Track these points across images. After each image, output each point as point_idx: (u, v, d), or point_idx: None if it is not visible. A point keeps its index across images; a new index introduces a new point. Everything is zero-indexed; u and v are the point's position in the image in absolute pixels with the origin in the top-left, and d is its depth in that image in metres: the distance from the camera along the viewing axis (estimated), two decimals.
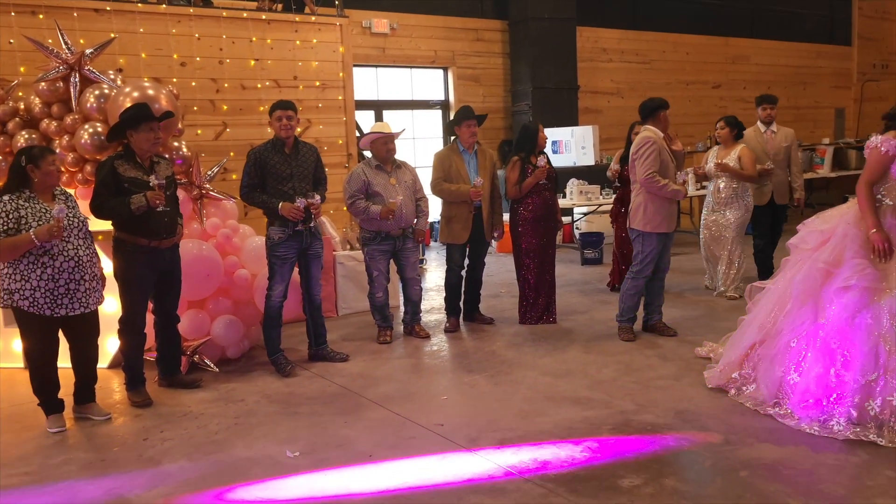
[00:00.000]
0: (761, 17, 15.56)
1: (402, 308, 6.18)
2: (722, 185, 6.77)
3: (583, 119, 12.43)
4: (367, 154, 6.15)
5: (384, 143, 5.77)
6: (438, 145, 11.97)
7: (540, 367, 5.04)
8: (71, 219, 4.14)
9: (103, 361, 5.23)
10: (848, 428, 3.66)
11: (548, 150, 6.49)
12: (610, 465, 3.50)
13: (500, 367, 5.11)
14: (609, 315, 6.40)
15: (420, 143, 11.81)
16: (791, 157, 6.84)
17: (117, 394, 4.93)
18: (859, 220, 4.01)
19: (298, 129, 6.44)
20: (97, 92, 5.23)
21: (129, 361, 4.70)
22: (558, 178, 6.35)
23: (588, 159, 10.78)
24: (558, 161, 9.87)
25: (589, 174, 10.44)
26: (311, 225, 5.16)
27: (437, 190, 6.10)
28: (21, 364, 5.22)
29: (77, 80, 5.24)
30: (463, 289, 6.33)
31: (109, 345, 5.30)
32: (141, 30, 6.39)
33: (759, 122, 6.87)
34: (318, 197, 5.07)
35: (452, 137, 6.26)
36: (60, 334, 4.28)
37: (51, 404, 4.30)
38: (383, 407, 4.45)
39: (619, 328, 5.68)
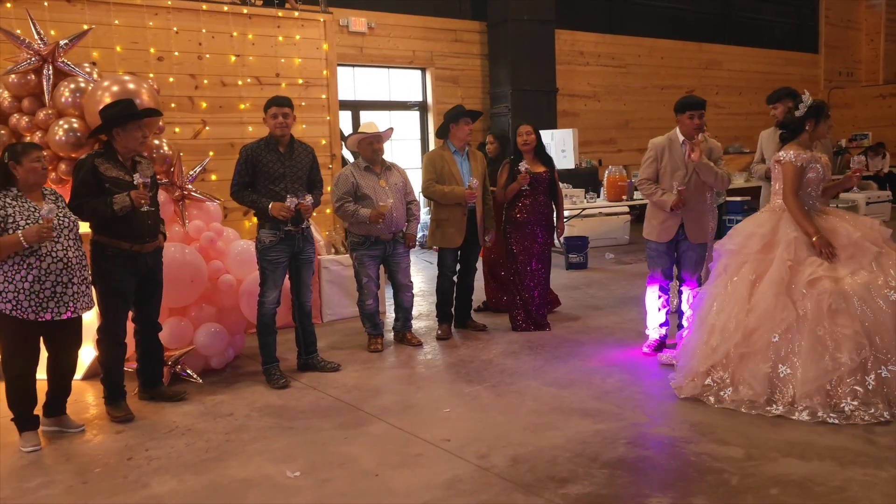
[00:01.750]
0: (733, 24, 15.70)
1: (388, 314, 5.95)
2: None
3: (560, 122, 12.33)
4: (349, 157, 5.92)
5: (370, 144, 5.55)
6: (416, 147, 11.78)
7: (542, 378, 4.86)
8: (61, 218, 3.88)
9: (77, 373, 4.90)
10: (860, 410, 3.84)
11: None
12: (633, 484, 3.32)
13: (500, 377, 4.91)
14: (603, 322, 6.29)
15: (397, 144, 11.58)
16: None
17: (94, 408, 4.62)
18: (796, 226, 4.29)
19: None
20: (72, 86, 4.91)
21: (108, 373, 4.40)
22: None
23: (568, 163, 10.65)
24: None
25: (570, 178, 10.33)
26: (303, 226, 4.91)
27: (429, 192, 5.89)
28: None
29: (50, 72, 4.92)
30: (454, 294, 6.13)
31: (84, 355, 4.96)
32: (116, 22, 6.05)
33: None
34: (309, 198, 4.83)
35: (442, 142, 6.05)
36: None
37: (26, 420, 3.98)
38: (383, 420, 4.22)
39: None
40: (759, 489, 3.22)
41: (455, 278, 6.07)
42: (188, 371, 5.01)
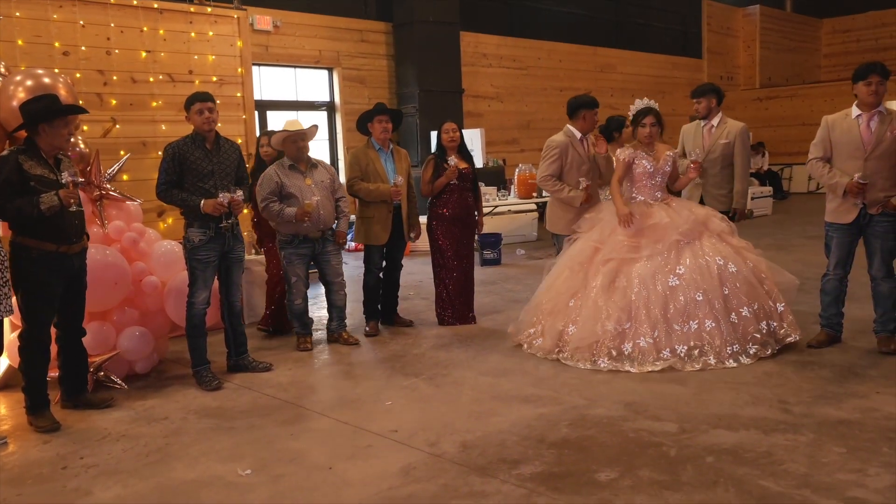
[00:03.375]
0: (625, 30, 16.42)
1: (314, 314, 5.91)
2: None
3: (466, 122, 12.53)
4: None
5: (294, 142, 5.52)
6: (324, 147, 11.69)
7: (476, 368, 4.98)
8: None
9: None
10: (609, 364, 4.73)
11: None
12: (581, 461, 3.48)
13: (435, 369, 5.00)
14: None
15: None
16: (735, 157, 5.63)
17: (10, 420, 4.38)
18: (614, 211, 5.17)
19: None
20: None
21: (31, 382, 4.18)
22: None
23: (477, 161, 10.83)
24: None
25: (479, 176, 10.51)
26: (231, 221, 4.82)
27: (353, 190, 5.91)
28: None
29: None
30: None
31: None
32: (17, 14, 5.76)
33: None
34: (240, 192, 4.75)
35: (366, 140, 6.08)
36: None
37: None
38: (326, 416, 4.22)
39: None
40: (696, 459, 3.45)
41: (381, 275, 6.12)
42: (112, 377, 4.83)
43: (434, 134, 6.41)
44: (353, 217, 6.12)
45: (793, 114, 17.39)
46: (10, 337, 4.61)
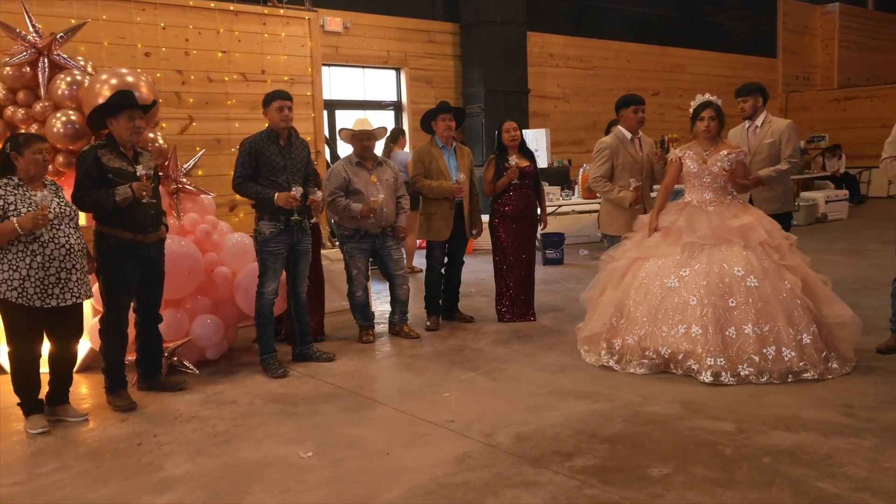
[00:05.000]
0: (695, 29, 16.11)
1: (374, 308, 6.04)
2: None
3: (532, 122, 12.55)
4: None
5: (360, 140, 5.67)
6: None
7: (534, 364, 5.03)
8: (63, 207, 3.96)
9: None
10: (604, 359, 4.82)
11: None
12: (634, 456, 3.50)
13: (494, 363, 5.07)
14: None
15: None
16: (781, 144, 5.49)
17: (91, 399, 4.65)
18: (660, 214, 5.06)
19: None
20: (69, 78, 4.94)
21: (110, 364, 4.44)
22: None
23: (541, 162, 10.85)
24: None
25: (543, 176, 10.53)
26: (314, 221, 5.01)
27: (416, 186, 6.03)
28: None
29: (46, 65, 4.94)
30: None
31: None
32: (104, 17, 6.08)
33: None
34: (319, 193, 4.96)
35: (430, 137, 6.18)
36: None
37: (32, 404, 4.06)
38: (386, 405, 4.34)
39: None
40: (752, 458, 3.43)
41: (443, 271, 6.22)
42: (184, 362, 5.06)
43: None
44: None
45: (873, 115, 16.74)
46: (92, 321, 4.90)
